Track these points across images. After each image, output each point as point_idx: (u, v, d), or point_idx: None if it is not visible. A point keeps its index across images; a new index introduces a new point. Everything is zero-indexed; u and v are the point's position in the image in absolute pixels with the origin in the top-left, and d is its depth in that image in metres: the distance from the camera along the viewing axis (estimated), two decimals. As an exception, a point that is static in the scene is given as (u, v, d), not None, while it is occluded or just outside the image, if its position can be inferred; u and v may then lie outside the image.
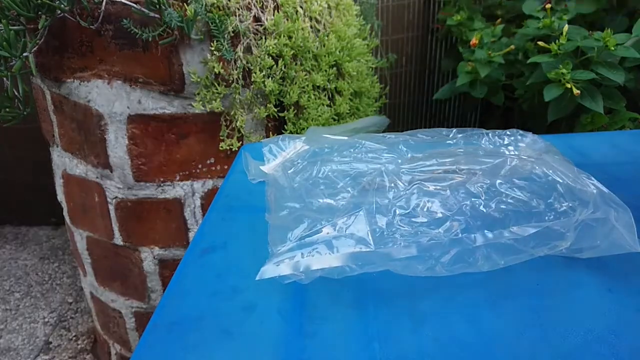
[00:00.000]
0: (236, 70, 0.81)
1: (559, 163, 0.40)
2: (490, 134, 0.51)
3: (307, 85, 0.86)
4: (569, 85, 0.87)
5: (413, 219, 0.34)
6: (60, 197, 1.07)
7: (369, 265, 0.33)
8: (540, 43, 0.95)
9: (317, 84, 0.87)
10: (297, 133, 0.88)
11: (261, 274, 0.31)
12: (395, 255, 0.32)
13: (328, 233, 0.33)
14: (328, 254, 0.32)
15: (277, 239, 0.34)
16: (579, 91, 0.85)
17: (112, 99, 0.82)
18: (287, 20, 0.83)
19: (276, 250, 0.33)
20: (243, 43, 0.80)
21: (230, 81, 0.81)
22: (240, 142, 0.87)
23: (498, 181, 0.37)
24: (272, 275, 0.31)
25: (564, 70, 0.87)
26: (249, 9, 0.81)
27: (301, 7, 0.85)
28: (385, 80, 1.52)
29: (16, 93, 0.80)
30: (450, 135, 0.51)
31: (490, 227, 0.33)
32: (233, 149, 0.87)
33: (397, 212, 0.35)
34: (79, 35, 0.79)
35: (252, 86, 0.83)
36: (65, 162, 0.98)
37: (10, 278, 1.65)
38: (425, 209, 0.35)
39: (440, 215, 0.34)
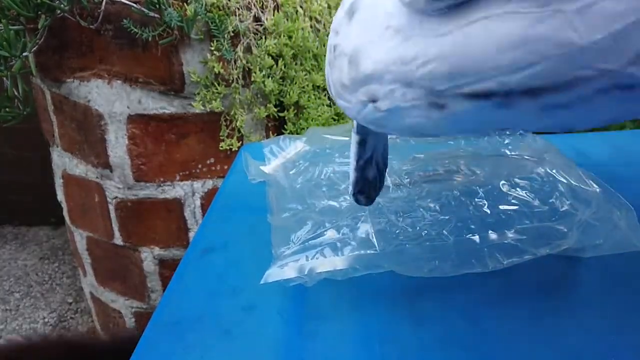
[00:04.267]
0: (236, 70, 0.81)
1: (560, 162, 0.40)
2: (490, 134, 0.51)
3: (307, 85, 0.86)
4: (569, 85, 0.86)
5: (417, 220, 0.34)
6: (60, 197, 1.06)
7: (373, 267, 0.33)
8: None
9: (317, 84, 0.87)
10: (297, 133, 0.88)
11: (266, 277, 0.31)
12: (400, 256, 0.32)
13: (332, 235, 0.33)
14: (333, 257, 0.32)
15: (280, 241, 0.34)
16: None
17: (112, 99, 0.82)
18: (287, 20, 0.83)
19: (280, 253, 0.33)
20: (243, 43, 0.80)
21: (230, 81, 0.81)
22: (240, 142, 0.87)
23: (501, 181, 0.36)
24: (276, 278, 0.31)
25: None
26: (249, 9, 0.81)
27: (301, 6, 0.85)
28: (385, 81, 1.52)
29: (16, 93, 0.80)
30: (451, 135, 0.51)
31: (494, 227, 0.33)
32: (233, 149, 0.87)
33: (401, 213, 0.35)
34: (78, 35, 0.79)
35: (252, 86, 0.83)
36: (65, 162, 0.98)
37: (10, 278, 1.65)
38: (428, 210, 0.35)
39: (444, 216, 0.34)
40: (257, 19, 0.82)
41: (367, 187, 0.33)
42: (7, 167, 1.83)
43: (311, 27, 0.86)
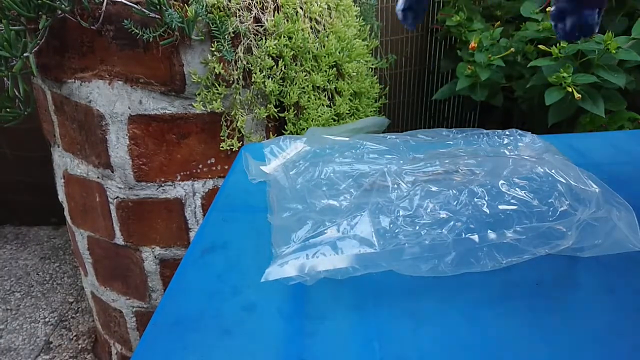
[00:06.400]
0: (236, 70, 0.81)
1: (559, 162, 0.40)
2: (489, 134, 0.51)
3: (307, 86, 0.86)
4: (569, 89, 0.86)
5: (416, 220, 0.34)
6: (61, 197, 1.07)
7: (373, 266, 0.33)
8: (541, 46, 0.95)
9: (317, 85, 0.87)
10: (297, 133, 0.88)
11: (266, 275, 0.31)
12: (400, 255, 0.32)
13: (332, 234, 0.33)
14: (333, 256, 0.32)
15: (281, 240, 0.34)
16: (580, 95, 0.85)
17: (113, 100, 0.82)
18: (287, 21, 0.83)
19: (280, 252, 0.33)
20: (243, 44, 0.81)
21: (230, 81, 0.81)
22: (241, 142, 0.87)
23: (500, 181, 0.37)
24: (276, 277, 0.31)
25: (565, 74, 0.87)
26: (250, 10, 0.81)
27: (301, 8, 0.85)
28: (385, 81, 1.52)
29: (17, 93, 0.80)
30: (451, 136, 0.51)
31: (493, 227, 0.33)
32: (233, 149, 0.87)
33: (401, 212, 0.35)
34: (79, 36, 0.79)
35: (252, 86, 0.83)
36: (66, 162, 0.98)
37: (10, 278, 1.65)
38: (428, 210, 0.35)
39: (443, 215, 0.34)
40: (257, 20, 0.82)
41: (415, 3, 0.33)
42: (8, 167, 1.84)
43: (311, 28, 0.87)
